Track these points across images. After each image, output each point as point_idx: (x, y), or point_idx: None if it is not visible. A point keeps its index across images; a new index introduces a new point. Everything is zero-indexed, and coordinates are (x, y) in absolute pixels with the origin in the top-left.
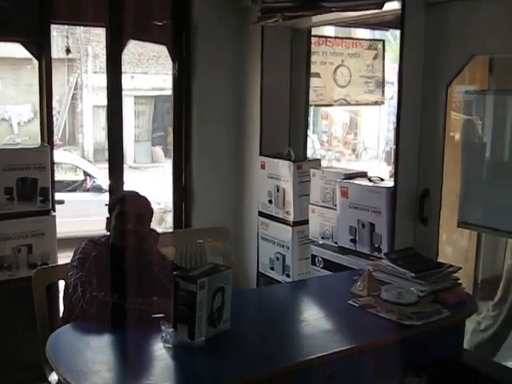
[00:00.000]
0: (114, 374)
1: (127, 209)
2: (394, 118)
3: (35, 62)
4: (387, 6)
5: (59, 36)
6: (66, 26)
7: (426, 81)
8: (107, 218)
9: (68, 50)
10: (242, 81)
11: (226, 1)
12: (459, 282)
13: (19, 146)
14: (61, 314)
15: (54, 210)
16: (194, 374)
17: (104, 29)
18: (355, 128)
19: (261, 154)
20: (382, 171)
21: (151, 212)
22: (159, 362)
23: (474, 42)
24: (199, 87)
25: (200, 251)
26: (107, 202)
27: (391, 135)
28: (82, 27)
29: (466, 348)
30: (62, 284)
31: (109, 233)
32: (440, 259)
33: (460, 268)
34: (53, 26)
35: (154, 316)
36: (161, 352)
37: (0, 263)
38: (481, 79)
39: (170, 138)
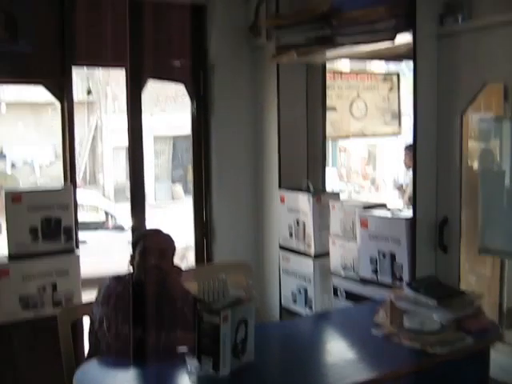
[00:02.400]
0: None
1: (150, 245)
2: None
3: (57, 105)
4: (399, 39)
5: (79, 79)
6: (85, 69)
7: (441, 110)
8: (131, 255)
9: (89, 92)
10: (259, 116)
11: (241, 39)
12: (482, 309)
13: (43, 187)
14: (86, 351)
15: (78, 249)
16: None
17: (124, 69)
18: (374, 160)
19: (280, 188)
20: (401, 202)
21: (174, 248)
22: None
23: (486, 69)
24: (217, 124)
25: (222, 286)
26: (129, 240)
27: None
28: (101, 69)
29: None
30: (86, 322)
31: (132, 269)
32: (463, 288)
33: (483, 295)
34: (73, 69)
35: (178, 349)
36: None
37: (25, 302)
38: (496, 106)
39: (190, 176)
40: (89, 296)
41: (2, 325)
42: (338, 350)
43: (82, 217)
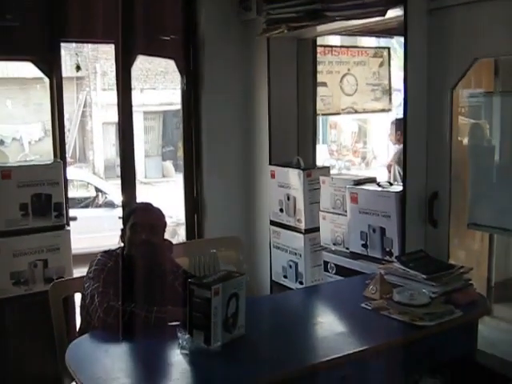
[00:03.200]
0: (132, 380)
1: (141, 220)
2: None
3: (46, 81)
4: (390, 13)
5: (67, 55)
6: (74, 45)
7: (431, 85)
8: (121, 230)
9: (78, 67)
10: (249, 92)
11: (231, 14)
12: (470, 282)
13: (33, 163)
14: (78, 326)
15: (69, 225)
16: (211, 378)
17: (113, 45)
18: (364, 137)
19: (270, 164)
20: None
21: (164, 222)
22: (176, 368)
23: (477, 45)
24: (208, 100)
25: (213, 261)
26: (120, 216)
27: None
28: (89, 45)
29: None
30: (78, 297)
31: (123, 244)
32: (452, 262)
33: (471, 269)
34: (62, 45)
35: (169, 324)
36: (178, 358)
37: (17, 278)
38: (487, 82)
39: (180, 153)
40: (80, 272)
41: None
42: (328, 323)
43: (73, 193)
